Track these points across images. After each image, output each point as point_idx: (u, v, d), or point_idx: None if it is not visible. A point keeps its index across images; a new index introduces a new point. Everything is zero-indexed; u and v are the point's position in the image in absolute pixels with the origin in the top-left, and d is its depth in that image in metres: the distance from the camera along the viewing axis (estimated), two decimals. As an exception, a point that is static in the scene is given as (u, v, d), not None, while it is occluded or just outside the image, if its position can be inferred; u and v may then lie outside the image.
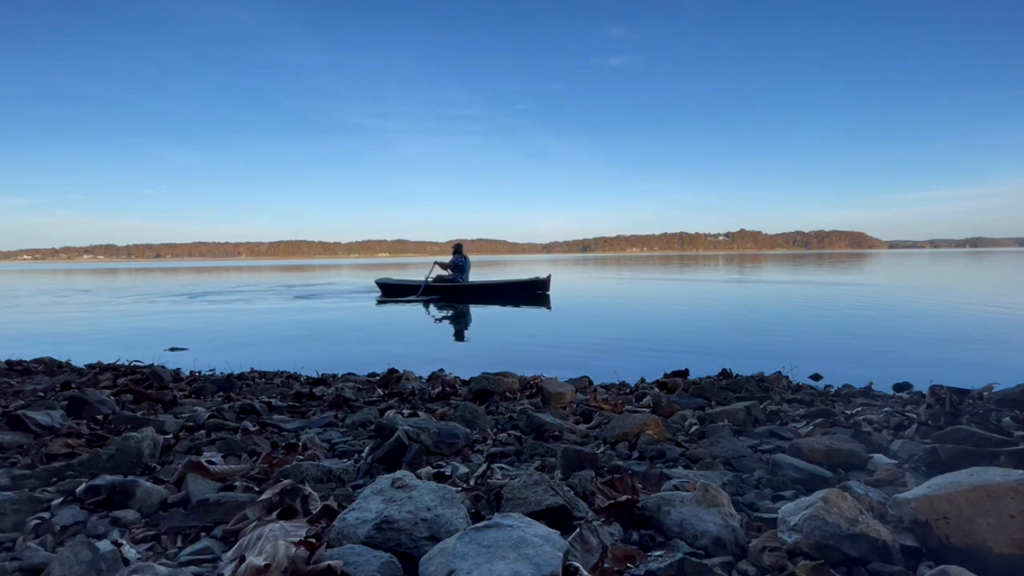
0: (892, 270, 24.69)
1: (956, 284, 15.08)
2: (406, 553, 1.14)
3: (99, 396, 2.73)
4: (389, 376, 4.05)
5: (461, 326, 8.61)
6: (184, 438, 2.24)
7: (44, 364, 4.56)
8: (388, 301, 12.57)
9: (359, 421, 2.61)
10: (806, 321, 8.28)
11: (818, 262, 41.44)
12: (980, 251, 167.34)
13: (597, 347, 6.22)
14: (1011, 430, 2.04)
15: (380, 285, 14.21)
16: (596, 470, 1.75)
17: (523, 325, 8.55)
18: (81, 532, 1.32)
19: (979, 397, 2.66)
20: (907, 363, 4.94)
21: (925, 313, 8.70)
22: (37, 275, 37.48)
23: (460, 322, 9.07)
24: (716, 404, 3.02)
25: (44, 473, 1.71)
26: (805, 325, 7.91)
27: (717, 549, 1.20)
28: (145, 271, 45.91)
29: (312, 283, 21.14)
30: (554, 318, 9.43)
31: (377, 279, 14.77)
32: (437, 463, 1.87)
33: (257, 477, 1.72)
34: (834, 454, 1.80)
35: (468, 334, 7.81)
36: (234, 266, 74.01)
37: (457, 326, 8.63)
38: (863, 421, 2.49)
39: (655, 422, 2.27)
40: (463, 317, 9.66)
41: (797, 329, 7.57)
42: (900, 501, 1.21)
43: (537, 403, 3.08)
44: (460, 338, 7.46)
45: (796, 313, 9.20)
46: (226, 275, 32.03)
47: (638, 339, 6.71)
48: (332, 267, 54.96)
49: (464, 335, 7.71)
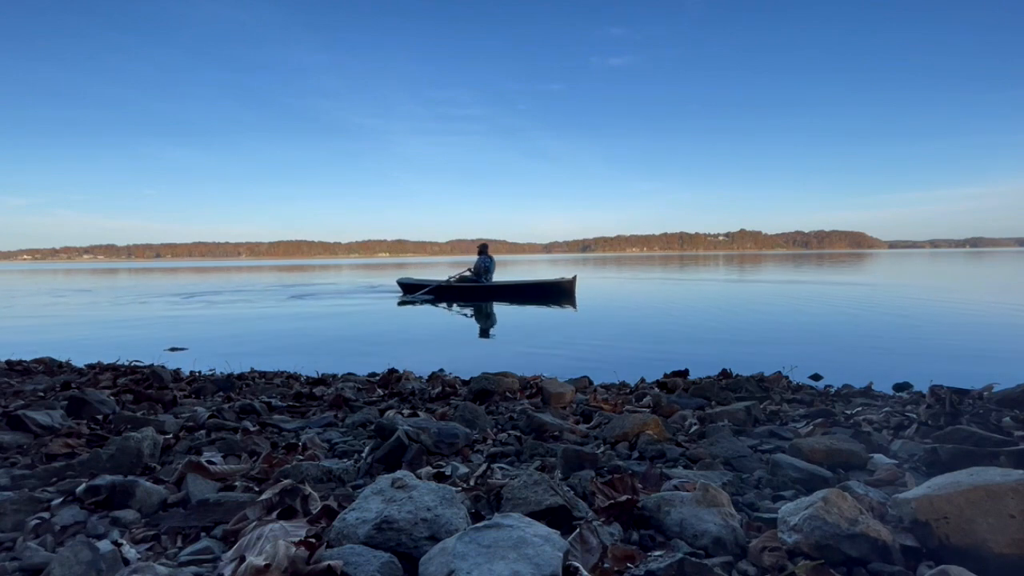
0: (892, 270, 24.70)
1: (956, 284, 15.08)
2: (406, 553, 1.14)
3: (99, 396, 2.73)
4: (389, 376, 4.05)
5: (485, 325, 8.51)
6: (184, 438, 2.24)
7: (44, 364, 4.56)
8: (409, 301, 12.51)
9: (359, 421, 2.61)
10: (806, 321, 8.28)
11: (818, 262, 41.45)
12: (980, 251, 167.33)
13: (629, 349, 6.08)
14: (1011, 430, 2.04)
15: (401, 285, 14.15)
16: (596, 470, 1.75)
17: (549, 325, 8.43)
18: (81, 532, 1.32)
19: (979, 397, 2.66)
20: (907, 363, 4.94)
21: (925, 313, 8.70)
22: (37, 275, 37.49)
23: (484, 322, 9.00)
24: (716, 404, 3.02)
25: (44, 473, 1.71)
26: (805, 325, 7.91)
27: (717, 549, 1.20)
28: (145, 271, 45.92)
29: (331, 283, 20.88)
30: (581, 319, 9.23)
31: (399, 279, 14.65)
32: (437, 463, 1.87)
33: (257, 477, 1.72)
34: (834, 454, 1.80)
35: (491, 333, 7.77)
36: (234, 266, 74.00)
37: (481, 325, 8.55)
38: (863, 421, 2.49)
39: (655, 422, 2.27)
40: (487, 317, 9.55)
41: (797, 329, 7.57)
42: (900, 501, 1.21)
43: (537, 403, 3.08)
44: (484, 336, 7.47)
45: (796, 313, 9.20)
46: (226, 275, 31.99)
47: (679, 340, 6.57)
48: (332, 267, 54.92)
49: (487, 334, 7.68)
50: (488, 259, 13.30)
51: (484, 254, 13.36)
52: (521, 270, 28.33)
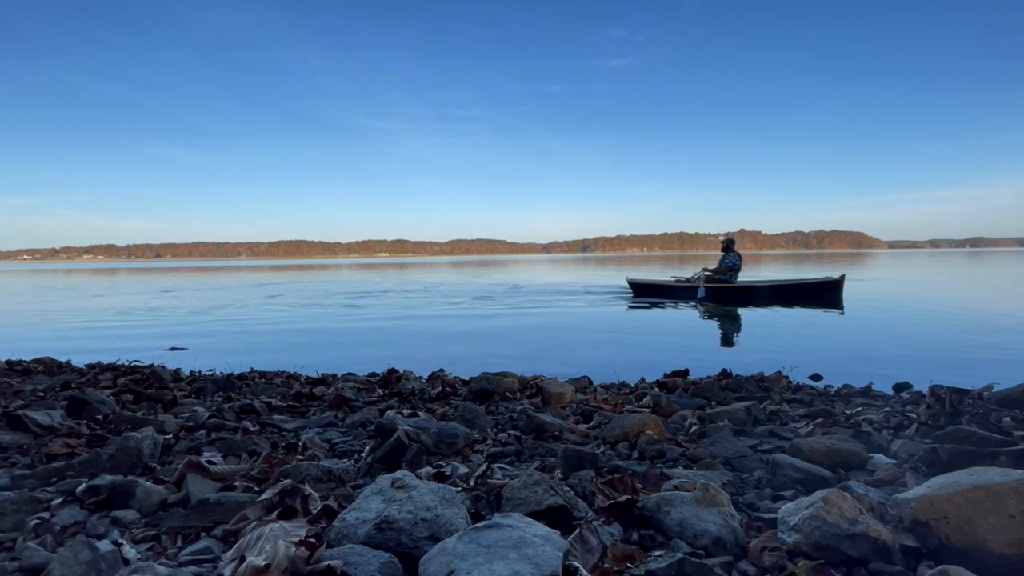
0: (892, 270, 24.68)
1: (956, 284, 15.08)
2: (406, 553, 1.14)
3: (99, 396, 2.73)
4: (389, 376, 4.05)
5: (731, 330, 7.73)
6: (184, 438, 2.24)
7: (44, 364, 4.56)
8: (643, 302, 11.45)
9: (359, 421, 2.61)
10: (806, 321, 8.28)
11: (818, 262, 41.44)
12: (980, 251, 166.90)
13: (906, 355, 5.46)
14: (1011, 430, 2.04)
15: (632, 284, 13.10)
16: (596, 470, 1.75)
17: (811, 328, 7.60)
18: (81, 532, 1.32)
19: (979, 397, 2.66)
20: (907, 363, 4.94)
21: (925, 313, 8.70)
22: (37, 275, 37.47)
23: (731, 326, 8.14)
24: (716, 404, 3.02)
25: (44, 473, 1.71)
26: (805, 325, 7.91)
27: (717, 549, 1.20)
28: (146, 271, 45.89)
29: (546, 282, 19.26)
30: (850, 323, 8.05)
31: (629, 278, 13.58)
32: (437, 463, 1.87)
33: (257, 477, 1.72)
34: (834, 454, 1.80)
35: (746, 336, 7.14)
36: (234, 266, 73.92)
37: (726, 330, 7.74)
38: (863, 421, 2.49)
39: (655, 422, 2.27)
40: (734, 320, 8.62)
41: (797, 329, 7.57)
42: (900, 501, 1.21)
43: (537, 403, 3.08)
44: (737, 341, 6.83)
45: (796, 313, 9.21)
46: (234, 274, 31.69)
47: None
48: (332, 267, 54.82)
49: (739, 337, 7.07)
50: (736, 256, 11.63)
51: (731, 250, 11.63)
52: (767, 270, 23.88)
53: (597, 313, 9.87)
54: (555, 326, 8.23)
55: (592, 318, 9.13)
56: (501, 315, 9.74)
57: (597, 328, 7.93)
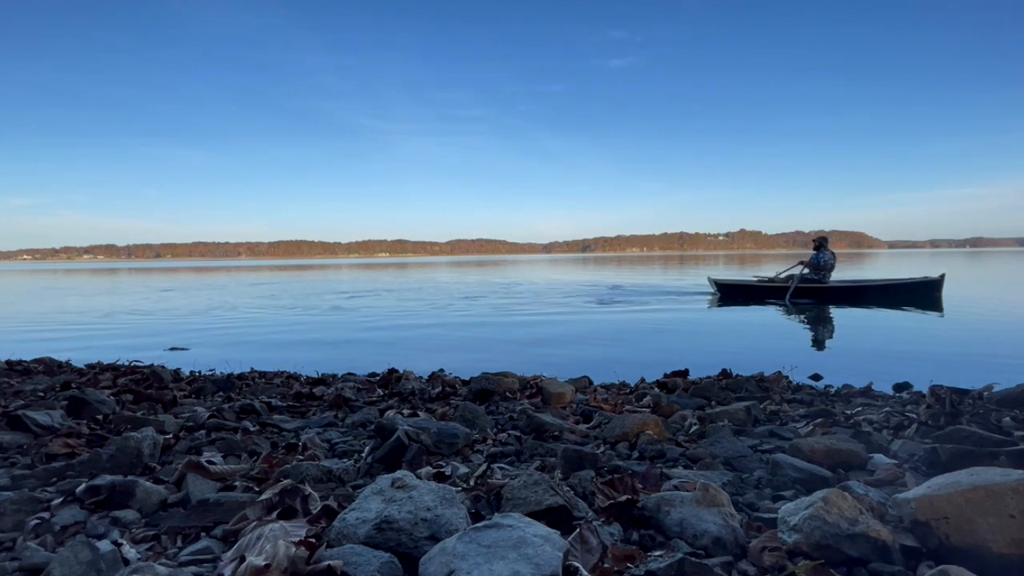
0: (891, 269, 24.68)
1: (956, 284, 15.08)
2: (406, 553, 1.14)
3: (99, 396, 2.73)
4: (389, 376, 4.05)
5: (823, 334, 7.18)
6: (184, 438, 2.24)
7: (44, 364, 4.56)
8: (730, 303, 10.94)
9: (359, 421, 2.61)
10: (806, 321, 8.28)
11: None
12: (980, 251, 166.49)
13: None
14: (1011, 430, 2.04)
15: (718, 285, 12.44)
16: (596, 470, 1.75)
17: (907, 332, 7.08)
18: (81, 532, 1.32)
19: (979, 397, 2.66)
20: (907, 363, 4.94)
21: (925, 312, 8.70)
22: (37, 275, 37.46)
23: (823, 328, 7.65)
24: (716, 404, 3.02)
25: (44, 473, 1.71)
26: (805, 325, 7.91)
27: (717, 549, 1.20)
28: (146, 271, 45.89)
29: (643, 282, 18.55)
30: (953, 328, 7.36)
31: (712, 277, 13.08)
32: (437, 463, 1.87)
33: (257, 477, 1.72)
34: (834, 454, 1.80)
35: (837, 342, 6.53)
36: (234, 266, 73.93)
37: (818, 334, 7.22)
38: (863, 421, 2.49)
39: (655, 422, 2.27)
40: (826, 323, 8.16)
41: (797, 329, 7.57)
42: (900, 501, 1.21)
43: (537, 403, 3.08)
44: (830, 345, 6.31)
45: (795, 312, 9.20)
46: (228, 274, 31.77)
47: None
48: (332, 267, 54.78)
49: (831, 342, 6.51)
50: (830, 255, 10.98)
51: (823, 248, 10.96)
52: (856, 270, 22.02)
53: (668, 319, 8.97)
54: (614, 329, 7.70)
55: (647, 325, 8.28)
56: (516, 315, 9.66)
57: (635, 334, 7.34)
